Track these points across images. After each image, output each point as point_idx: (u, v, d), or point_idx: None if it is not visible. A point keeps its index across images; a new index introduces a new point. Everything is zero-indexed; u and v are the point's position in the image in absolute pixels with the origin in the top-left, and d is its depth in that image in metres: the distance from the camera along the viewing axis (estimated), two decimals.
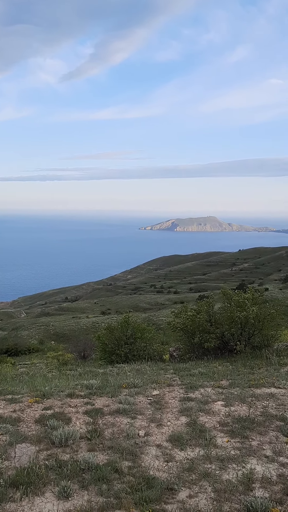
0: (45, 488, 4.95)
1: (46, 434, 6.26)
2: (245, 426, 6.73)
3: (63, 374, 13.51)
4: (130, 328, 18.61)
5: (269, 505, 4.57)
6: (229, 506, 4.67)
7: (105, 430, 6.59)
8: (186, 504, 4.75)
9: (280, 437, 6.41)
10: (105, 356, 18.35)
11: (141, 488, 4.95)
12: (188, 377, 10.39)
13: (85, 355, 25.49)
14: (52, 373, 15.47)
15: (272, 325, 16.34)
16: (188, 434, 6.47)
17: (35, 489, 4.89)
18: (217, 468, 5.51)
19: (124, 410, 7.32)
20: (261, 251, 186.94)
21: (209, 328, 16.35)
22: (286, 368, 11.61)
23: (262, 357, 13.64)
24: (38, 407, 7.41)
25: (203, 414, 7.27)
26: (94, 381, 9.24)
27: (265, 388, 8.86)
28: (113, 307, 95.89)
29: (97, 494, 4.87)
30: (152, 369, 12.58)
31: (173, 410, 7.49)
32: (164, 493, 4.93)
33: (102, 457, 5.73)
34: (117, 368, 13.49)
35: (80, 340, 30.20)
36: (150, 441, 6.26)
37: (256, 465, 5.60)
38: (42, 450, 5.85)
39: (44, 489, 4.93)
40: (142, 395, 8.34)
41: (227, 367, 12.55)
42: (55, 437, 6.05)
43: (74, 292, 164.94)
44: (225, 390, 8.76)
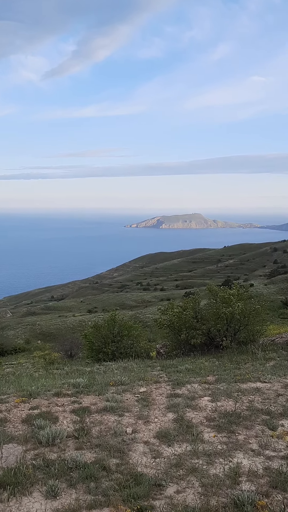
0: (33, 487, 4.93)
1: (33, 434, 6.23)
2: (232, 420, 6.79)
3: (49, 373, 13.45)
4: (117, 326, 18.60)
5: (256, 498, 4.63)
6: (216, 500, 4.71)
7: (92, 428, 6.59)
8: (174, 499, 4.78)
9: (266, 430, 6.49)
10: (92, 354, 18.31)
11: (129, 485, 4.97)
12: (175, 373, 10.43)
13: (72, 354, 25.38)
14: (39, 373, 15.38)
15: (258, 320, 16.51)
16: (175, 430, 6.51)
17: (22, 489, 4.87)
18: (204, 463, 5.55)
19: (111, 408, 7.33)
20: (246, 247, 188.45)
21: (195, 324, 16.44)
22: (271, 362, 11.74)
23: (248, 352, 13.76)
24: (25, 407, 7.37)
25: (190, 410, 7.32)
26: (81, 379, 9.22)
27: (251, 382, 8.95)
28: (99, 305, 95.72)
29: (85, 492, 4.87)
30: (139, 366, 12.60)
31: (160, 407, 7.52)
32: (152, 489, 4.95)
33: (90, 455, 5.73)
34: (104, 366, 13.47)
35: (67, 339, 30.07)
36: (138, 438, 6.28)
37: (242, 459, 5.66)
38: (29, 450, 5.82)
39: (32, 488, 4.91)
40: (129, 393, 8.36)
41: (213, 363, 12.64)
42: (42, 437, 6.03)
43: (60, 291, 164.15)
44: (211, 385, 8.83)
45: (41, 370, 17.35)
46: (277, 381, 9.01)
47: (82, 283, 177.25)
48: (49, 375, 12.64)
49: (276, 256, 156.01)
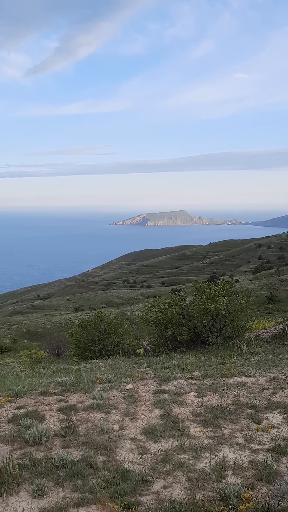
0: (20, 487, 4.92)
1: (19, 433, 6.21)
2: (217, 415, 6.86)
3: (36, 373, 13.39)
4: (104, 324, 18.60)
5: (241, 491, 4.69)
6: (202, 494, 4.76)
7: (79, 426, 6.59)
8: (160, 495, 4.82)
9: (251, 424, 6.57)
10: (79, 352, 18.29)
11: (116, 481, 4.98)
12: (162, 370, 10.49)
13: (59, 353, 25.29)
14: (25, 372, 15.29)
15: (243, 315, 16.68)
16: (162, 426, 6.55)
17: (9, 488, 4.85)
18: (190, 458, 5.60)
19: (98, 405, 7.34)
20: (230, 244, 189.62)
21: (182, 321, 16.53)
22: (256, 357, 11.87)
23: (233, 347, 13.90)
24: (11, 407, 7.34)
25: (176, 405, 7.37)
26: (68, 378, 9.21)
27: (236, 377, 9.05)
28: (86, 303, 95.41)
29: (72, 490, 4.88)
30: (126, 363, 12.63)
31: (147, 403, 7.55)
32: (139, 485, 4.98)
33: (77, 453, 5.73)
34: (91, 364, 13.46)
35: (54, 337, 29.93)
36: (125, 435, 6.30)
37: (228, 453, 5.72)
38: (15, 450, 5.80)
39: (19, 488, 4.90)
40: (116, 390, 8.38)
41: (199, 358, 12.73)
42: (28, 436, 6.01)
43: (46, 290, 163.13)
44: (197, 381, 8.90)
45: (27, 369, 17.25)
46: (262, 375, 9.12)
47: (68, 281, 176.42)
48: (35, 374, 12.59)
49: (261, 252, 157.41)
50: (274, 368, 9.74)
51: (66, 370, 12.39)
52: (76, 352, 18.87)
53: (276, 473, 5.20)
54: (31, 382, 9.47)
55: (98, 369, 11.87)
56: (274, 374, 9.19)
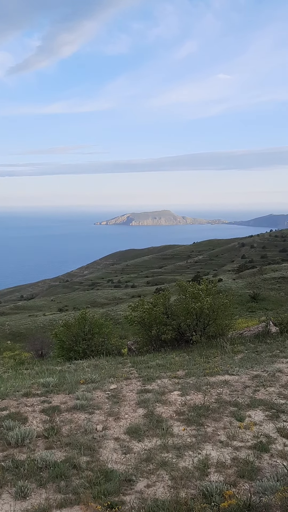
0: (2, 489, 4.88)
1: (1, 435, 6.16)
2: (201, 413, 6.91)
3: (19, 374, 13.27)
4: (88, 324, 18.52)
5: (224, 488, 4.74)
6: (185, 492, 4.79)
7: (62, 427, 6.57)
8: (144, 494, 4.84)
9: (233, 422, 6.63)
10: (63, 353, 18.17)
11: (100, 481, 4.99)
12: (146, 369, 10.51)
13: (43, 354, 25.08)
14: (8, 374, 15.14)
15: (226, 314, 16.80)
16: (145, 425, 6.57)
17: None
18: (174, 457, 5.63)
19: (81, 406, 7.32)
20: (214, 243, 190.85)
21: (166, 320, 16.58)
22: (239, 355, 11.98)
23: (217, 346, 13.99)
24: None
25: (160, 404, 7.40)
26: (51, 379, 9.16)
27: (219, 376, 9.12)
28: (70, 303, 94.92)
29: (55, 491, 4.86)
30: (110, 363, 12.62)
31: (131, 403, 7.56)
32: (122, 485, 4.99)
33: (60, 454, 5.71)
34: (75, 365, 13.40)
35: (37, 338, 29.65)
36: (108, 435, 6.30)
37: (211, 451, 5.77)
38: None
39: (1, 490, 4.86)
40: (100, 390, 8.37)
41: (184, 357, 12.79)
42: (11, 438, 5.97)
43: (30, 290, 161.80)
44: (181, 380, 8.94)
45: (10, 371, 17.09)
46: (244, 373, 9.21)
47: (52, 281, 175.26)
48: (18, 375, 12.47)
49: (244, 251, 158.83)
50: (257, 366, 9.85)
51: (50, 371, 12.31)
52: (60, 353, 18.75)
53: (258, 470, 5.26)
54: (14, 384, 9.39)
55: (82, 370, 11.83)
56: (256, 372, 9.30)
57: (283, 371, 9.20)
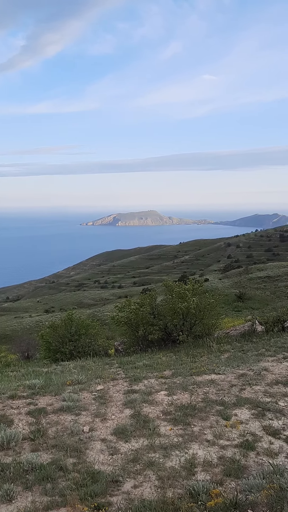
0: None
1: None
2: (187, 413, 6.93)
3: (5, 376, 13.13)
4: (74, 325, 18.43)
5: (210, 487, 4.75)
6: (172, 492, 4.80)
7: (49, 429, 6.52)
8: (131, 494, 4.83)
9: (220, 421, 6.66)
10: (50, 354, 18.06)
11: (86, 483, 4.96)
12: (133, 369, 10.50)
13: (29, 355, 24.89)
14: None
15: (212, 314, 16.89)
16: (132, 426, 6.56)
17: None
18: (160, 457, 5.64)
19: (68, 407, 7.28)
20: (201, 243, 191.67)
21: (152, 320, 16.60)
22: (226, 354, 12.05)
23: (203, 346, 14.06)
24: None
25: (147, 405, 7.40)
26: (37, 380, 9.09)
27: (206, 375, 9.15)
28: (56, 304, 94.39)
29: (41, 494, 4.82)
30: (97, 364, 12.57)
31: (118, 404, 7.55)
32: (109, 485, 4.97)
33: (46, 456, 5.67)
34: (61, 366, 13.32)
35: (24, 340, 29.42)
36: (95, 436, 6.27)
37: (198, 450, 5.79)
38: None
39: None
40: (87, 391, 8.33)
41: (170, 357, 12.81)
42: None
43: (16, 292, 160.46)
44: (168, 380, 8.95)
45: None
46: (230, 372, 9.26)
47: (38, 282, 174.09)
48: (4, 377, 12.34)
49: (230, 251, 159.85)
50: (243, 365, 9.91)
51: (36, 372, 12.22)
52: (46, 355, 18.63)
53: (244, 468, 5.29)
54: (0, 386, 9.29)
55: (69, 371, 11.77)
56: (242, 370, 9.35)
57: (268, 370, 9.27)
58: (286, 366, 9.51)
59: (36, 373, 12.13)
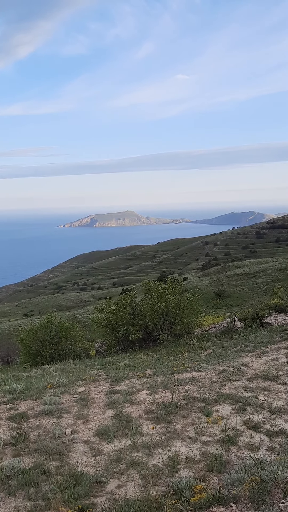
0: None
1: None
2: (169, 411, 6.96)
3: None
4: (54, 328, 18.29)
5: (194, 483, 4.79)
6: (156, 489, 4.82)
7: (30, 433, 6.46)
8: (115, 494, 4.83)
9: (201, 417, 6.73)
10: (30, 358, 17.87)
11: (70, 486, 4.94)
12: (114, 370, 10.49)
13: (9, 360, 24.59)
14: None
15: (192, 312, 17.02)
16: (114, 426, 6.56)
17: None
18: (144, 455, 5.66)
19: (49, 410, 7.22)
20: (179, 242, 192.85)
21: (133, 320, 16.62)
22: (206, 352, 12.16)
23: (184, 344, 14.15)
24: None
25: (128, 405, 7.40)
26: (18, 385, 8.99)
27: (186, 373, 9.22)
28: (36, 308, 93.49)
29: (24, 499, 4.78)
30: (78, 366, 12.51)
31: (99, 405, 7.53)
32: (93, 487, 4.97)
33: (29, 461, 5.62)
34: (42, 370, 13.21)
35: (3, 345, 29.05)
36: (77, 438, 6.25)
37: (180, 447, 5.83)
38: None
39: None
40: (68, 394, 8.29)
41: (151, 357, 12.86)
42: None
43: None
44: (149, 379, 8.98)
45: None
46: (211, 369, 9.35)
47: (16, 286, 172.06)
48: None
49: (208, 249, 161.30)
50: (223, 361, 10.02)
51: (16, 377, 12.08)
52: (26, 359, 18.43)
53: (226, 463, 5.36)
54: None
55: (50, 374, 11.67)
56: (222, 367, 9.46)
57: (248, 365, 9.40)
58: (265, 361, 9.66)
59: (16, 377, 11.99)
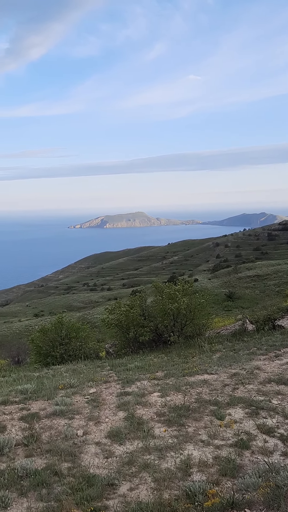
0: None
1: None
2: (181, 414, 6.92)
3: None
4: (64, 328, 18.33)
5: (207, 487, 4.74)
6: (169, 493, 4.78)
7: (42, 434, 6.46)
8: (127, 497, 4.80)
9: (214, 421, 6.67)
10: (40, 359, 17.93)
11: (82, 487, 4.92)
12: (125, 372, 10.47)
13: (20, 360, 24.72)
14: None
15: (203, 314, 16.93)
16: (126, 428, 6.53)
17: None
18: (156, 458, 5.62)
19: (61, 411, 7.22)
20: (189, 244, 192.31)
21: (143, 322, 16.58)
22: (217, 354, 12.08)
23: (195, 346, 14.08)
24: None
25: (140, 406, 7.37)
26: (29, 385, 9.01)
27: (198, 375, 9.16)
28: (46, 308, 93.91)
29: (36, 499, 4.77)
30: (88, 367, 12.52)
31: (111, 406, 7.51)
32: (105, 489, 4.94)
33: (41, 462, 5.62)
34: (52, 370, 13.23)
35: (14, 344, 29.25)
36: (89, 440, 6.23)
37: (193, 451, 5.78)
38: None
39: None
40: (79, 395, 8.29)
41: (162, 358, 12.81)
42: None
43: (4, 296, 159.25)
44: (160, 381, 8.94)
45: None
46: (223, 371, 9.28)
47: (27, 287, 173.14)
48: None
49: (219, 250, 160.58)
50: (235, 364, 9.94)
51: (27, 377, 12.11)
52: (37, 359, 18.49)
53: (240, 467, 5.30)
54: None
55: (60, 375, 11.69)
56: (235, 370, 9.38)
57: (261, 368, 9.32)
58: (278, 364, 9.56)
59: (27, 377, 12.03)
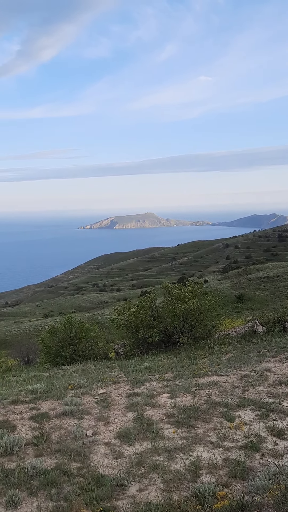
0: None
1: None
2: (191, 415, 6.90)
3: (6, 381, 13.08)
4: (74, 329, 18.39)
5: (216, 489, 4.73)
6: (178, 495, 4.77)
7: (52, 433, 6.49)
8: (136, 498, 4.80)
9: (224, 422, 6.64)
10: (50, 359, 18.01)
11: (91, 487, 4.94)
12: (134, 372, 10.47)
13: (29, 360, 24.85)
14: None
15: (213, 315, 16.88)
16: (135, 429, 6.53)
17: None
18: (165, 459, 5.61)
19: (70, 411, 7.25)
20: (199, 245, 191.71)
21: (152, 322, 16.57)
22: (227, 356, 12.03)
23: (204, 347, 14.03)
24: None
25: (149, 407, 7.37)
26: (39, 385, 9.06)
27: (208, 377, 9.14)
28: (56, 308, 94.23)
29: (46, 499, 4.79)
30: (97, 368, 12.53)
31: (120, 407, 7.52)
32: (114, 490, 4.95)
33: (50, 461, 5.64)
34: (62, 370, 13.29)
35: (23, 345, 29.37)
36: (98, 440, 6.25)
37: (202, 452, 5.76)
38: None
39: None
40: (89, 395, 8.31)
41: (171, 359, 12.78)
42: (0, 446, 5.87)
43: (15, 296, 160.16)
44: (170, 382, 8.93)
45: None
46: (233, 373, 9.25)
47: (37, 287, 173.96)
48: (5, 383, 12.29)
49: (228, 252, 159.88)
50: (245, 366, 9.90)
51: (37, 377, 12.18)
52: (46, 359, 18.58)
53: (249, 470, 5.27)
54: (1, 392, 9.26)
55: (70, 375, 11.73)
56: (244, 371, 9.34)
57: (271, 370, 9.26)
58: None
59: (37, 377, 12.09)
